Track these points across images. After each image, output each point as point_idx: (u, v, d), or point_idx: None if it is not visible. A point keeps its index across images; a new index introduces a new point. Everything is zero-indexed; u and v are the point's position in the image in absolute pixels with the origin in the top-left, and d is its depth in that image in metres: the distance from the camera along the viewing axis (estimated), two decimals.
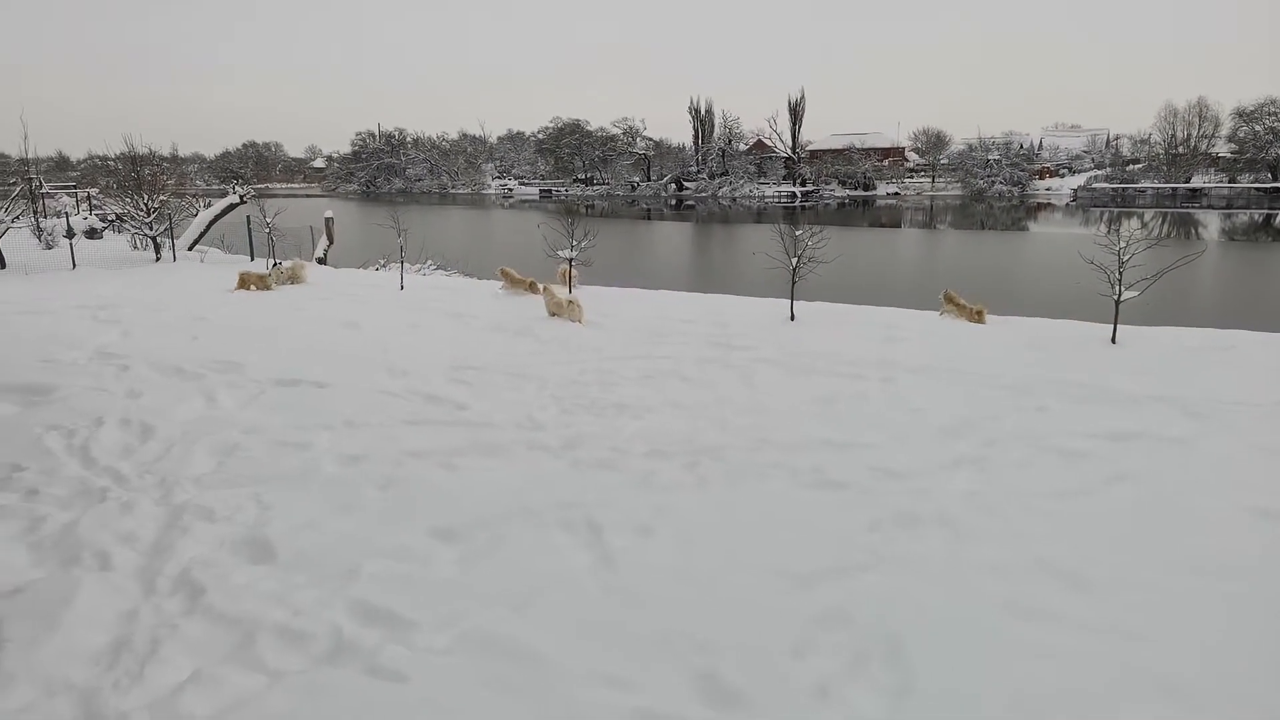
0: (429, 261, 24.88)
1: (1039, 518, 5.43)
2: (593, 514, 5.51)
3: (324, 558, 4.93)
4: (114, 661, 3.94)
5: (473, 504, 5.68)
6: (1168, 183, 76.10)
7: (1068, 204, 74.46)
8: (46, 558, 4.97)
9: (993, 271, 30.57)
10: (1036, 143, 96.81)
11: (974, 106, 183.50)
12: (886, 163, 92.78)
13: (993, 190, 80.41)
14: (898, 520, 5.41)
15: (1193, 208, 66.46)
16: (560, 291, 13.66)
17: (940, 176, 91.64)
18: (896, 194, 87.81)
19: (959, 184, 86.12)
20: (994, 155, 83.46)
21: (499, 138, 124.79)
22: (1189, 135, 78.77)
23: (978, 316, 12.76)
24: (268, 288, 16.45)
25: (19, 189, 26.71)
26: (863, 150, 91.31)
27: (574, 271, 16.02)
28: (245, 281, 16.41)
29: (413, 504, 5.73)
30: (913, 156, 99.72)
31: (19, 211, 23.14)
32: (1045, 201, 77.06)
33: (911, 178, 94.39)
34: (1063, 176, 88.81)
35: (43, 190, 40.56)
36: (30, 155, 38.85)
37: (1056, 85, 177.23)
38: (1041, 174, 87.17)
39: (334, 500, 5.78)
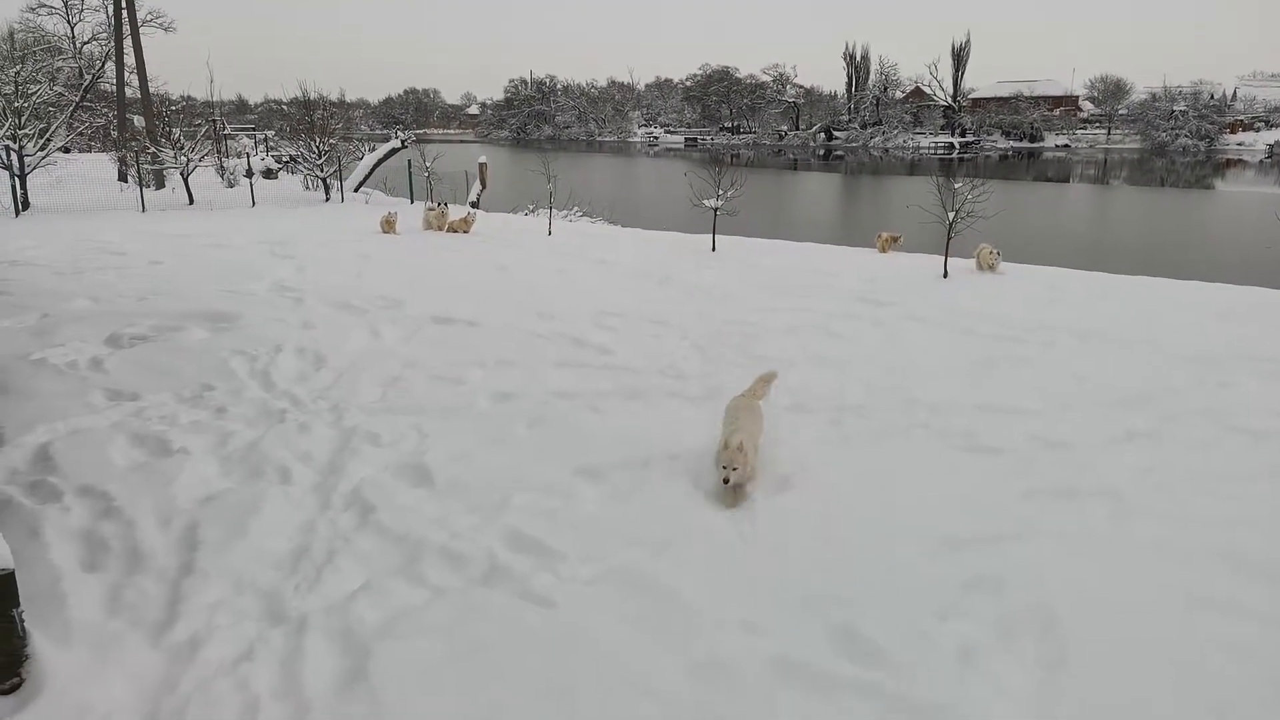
0: (575, 208, 25.28)
1: (1220, 500, 5.02)
2: None
3: (477, 487, 5.18)
4: (295, 567, 4.30)
5: (616, 446, 5.80)
6: None
7: (1261, 160, 67.52)
8: (234, 470, 5.45)
9: (1172, 232, 28.22)
10: (1230, 93, 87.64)
11: (1161, 53, 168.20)
12: (1057, 112, 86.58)
13: (1175, 144, 73.79)
14: (1057, 492, 5.15)
15: None
16: None
17: (1117, 128, 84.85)
18: (1066, 146, 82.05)
19: (1138, 136, 79.49)
20: (1180, 106, 76.34)
21: (646, 85, 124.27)
22: None
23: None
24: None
25: (204, 129, 28.82)
26: (1031, 99, 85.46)
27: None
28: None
29: (559, 442, 5.92)
30: (1087, 106, 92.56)
31: (205, 151, 25.04)
32: (1235, 158, 70.13)
33: (1084, 129, 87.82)
34: (1258, 130, 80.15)
35: (225, 131, 43.55)
36: (215, 99, 41.96)
37: (1258, 30, 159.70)
38: (1233, 127, 79.10)
39: (486, 434, 6.05)
